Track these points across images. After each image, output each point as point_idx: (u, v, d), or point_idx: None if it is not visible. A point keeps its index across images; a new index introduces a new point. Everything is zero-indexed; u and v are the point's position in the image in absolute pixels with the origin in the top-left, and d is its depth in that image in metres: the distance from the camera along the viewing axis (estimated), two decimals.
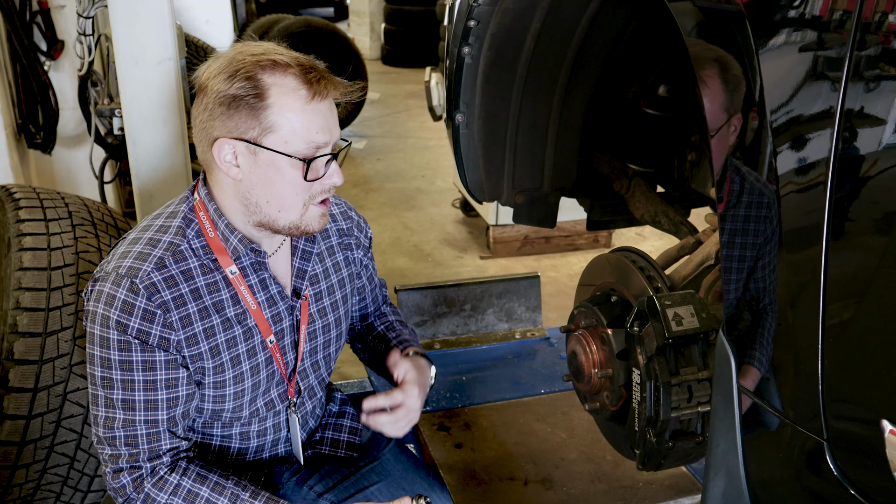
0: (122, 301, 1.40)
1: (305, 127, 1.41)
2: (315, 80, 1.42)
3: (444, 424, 2.36)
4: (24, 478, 1.95)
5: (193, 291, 1.47)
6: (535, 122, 2.33)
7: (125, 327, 1.40)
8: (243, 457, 1.71)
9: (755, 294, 1.15)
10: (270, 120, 1.40)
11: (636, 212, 2.36)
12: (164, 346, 1.44)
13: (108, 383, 1.44)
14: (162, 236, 1.49)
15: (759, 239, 1.12)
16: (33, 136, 3.56)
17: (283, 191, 1.45)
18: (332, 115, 1.47)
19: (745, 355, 1.17)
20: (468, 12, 2.07)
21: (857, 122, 0.95)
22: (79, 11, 2.92)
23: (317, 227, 1.52)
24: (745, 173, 1.14)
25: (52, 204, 2.14)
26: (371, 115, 8.09)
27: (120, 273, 1.42)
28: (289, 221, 1.48)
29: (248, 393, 1.58)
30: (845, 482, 1.02)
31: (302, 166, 1.43)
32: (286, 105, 1.40)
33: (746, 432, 1.18)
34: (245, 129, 1.40)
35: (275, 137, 1.41)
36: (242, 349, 1.55)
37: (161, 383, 1.45)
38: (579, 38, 2.14)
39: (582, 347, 1.80)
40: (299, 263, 1.64)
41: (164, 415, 1.47)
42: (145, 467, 1.47)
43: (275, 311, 1.59)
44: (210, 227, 1.51)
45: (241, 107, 1.39)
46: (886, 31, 0.92)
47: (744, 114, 1.13)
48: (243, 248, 1.51)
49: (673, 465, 1.72)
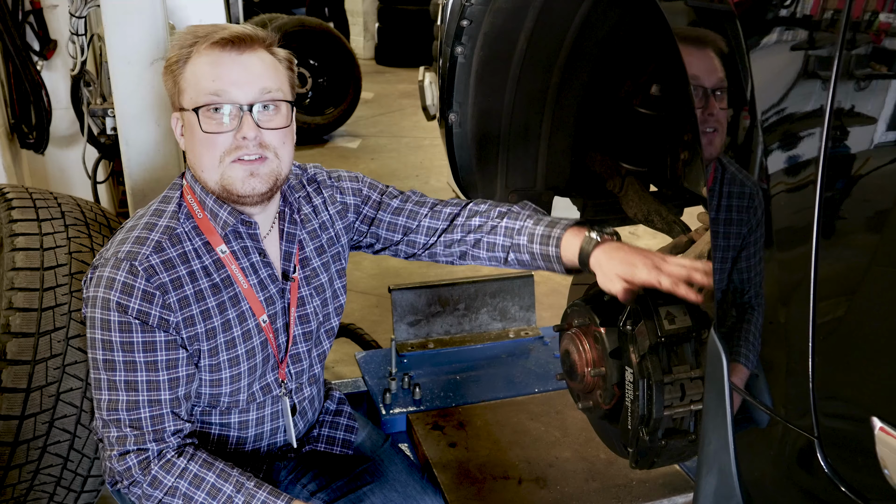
0: (121, 283, 1.43)
1: (206, 77, 1.45)
2: (235, 37, 1.45)
3: (438, 423, 2.36)
4: (16, 478, 1.95)
5: (190, 274, 1.50)
6: (529, 121, 2.33)
7: (126, 308, 1.43)
8: (242, 447, 1.71)
9: (746, 292, 1.16)
10: (183, 78, 1.46)
11: (629, 211, 2.37)
12: (163, 326, 1.46)
13: (110, 365, 1.46)
14: (158, 220, 1.52)
15: (750, 237, 1.13)
16: (26, 136, 3.56)
17: (197, 150, 1.49)
18: (249, 68, 1.47)
19: (736, 353, 1.17)
20: (461, 11, 2.07)
21: (847, 121, 0.95)
22: (71, 11, 2.91)
23: (240, 189, 1.49)
24: (736, 172, 1.14)
25: (45, 204, 2.13)
26: (364, 114, 8.08)
27: (119, 257, 1.45)
28: (213, 181, 1.50)
29: (244, 377, 1.59)
30: (836, 479, 1.03)
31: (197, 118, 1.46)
32: (197, 61, 1.45)
33: (738, 430, 1.19)
34: (173, 96, 1.49)
35: (185, 96, 1.47)
36: (237, 332, 1.56)
37: (162, 364, 1.48)
38: (572, 38, 2.15)
39: (575, 346, 1.80)
40: (286, 246, 1.66)
41: (166, 395, 1.49)
42: (152, 449, 1.48)
43: (267, 294, 1.61)
44: (198, 208, 1.54)
45: (168, 75, 1.49)
46: (876, 29, 0.92)
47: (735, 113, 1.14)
48: (234, 220, 1.53)
49: (666, 464, 1.72)
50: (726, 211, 1.17)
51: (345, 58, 7.09)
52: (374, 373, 2.63)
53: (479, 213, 1.75)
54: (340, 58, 7.06)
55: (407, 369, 2.63)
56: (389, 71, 10.68)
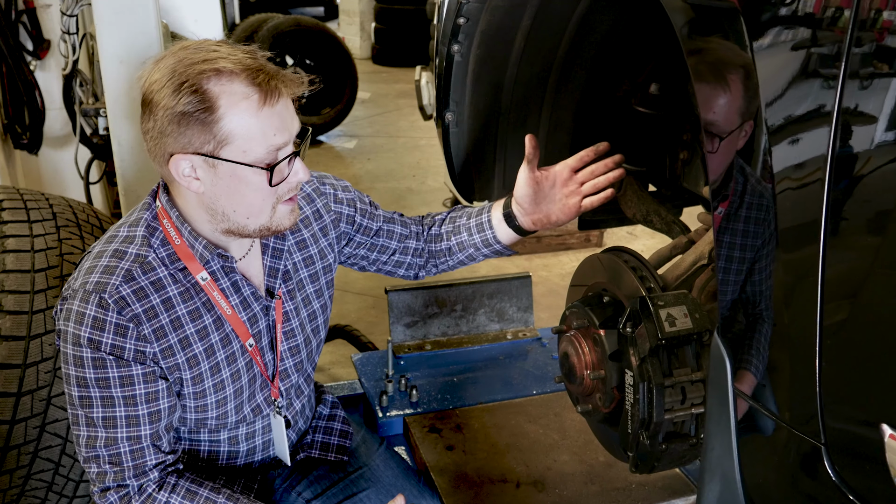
0: (91, 318, 1.36)
1: (262, 132, 1.35)
2: (265, 82, 1.35)
3: (436, 426, 2.34)
4: (7, 483, 1.92)
5: (165, 301, 1.43)
6: (526, 120, 2.31)
7: (98, 344, 1.37)
8: (234, 461, 1.68)
9: (751, 294, 1.13)
10: (224, 131, 1.33)
11: (628, 211, 2.35)
12: (140, 359, 1.40)
13: (86, 402, 1.40)
14: (128, 247, 1.44)
15: (756, 239, 1.11)
16: (19, 137, 3.53)
17: (249, 199, 1.40)
18: (288, 113, 1.40)
19: (741, 357, 1.15)
20: (457, 10, 2.05)
21: (854, 121, 0.93)
22: (62, 9, 2.89)
23: (288, 224, 1.47)
24: (741, 172, 1.12)
25: (36, 205, 2.11)
26: (361, 114, 8.07)
27: (87, 289, 1.38)
28: (258, 225, 1.44)
29: (231, 400, 1.55)
30: (844, 487, 1.00)
31: (266, 173, 1.38)
32: (238, 113, 1.33)
33: (742, 436, 1.17)
34: (200, 144, 1.34)
35: (232, 148, 1.35)
36: (221, 356, 1.51)
37: (141, 398, 1.42)
38: (570, 36, 2.12)
39: (574, 349, 1.78)
40: (271, 262, 1.59)
41: (146, 430, 1.44)
42: (132, 485, 1.44)
43: (250, 313, 1.55)
44: (175, 234, 1.46)
45: (191, 122, 1.33)
46: (881, 27, 0.90)
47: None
48: (209, 255, 1.46)
49: (666, 468, 1.70)
50: (730, 212, 1.15)
51: (341, 57, 7.07)
52: (370, 375, 2.61)
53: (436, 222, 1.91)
54: (337, 57, 7.04)
55: (404, 371, 2.61)
56: (386, 71, 10.67)
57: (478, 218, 1.81)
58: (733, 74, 1.12)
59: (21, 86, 3.39)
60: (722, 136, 1.16)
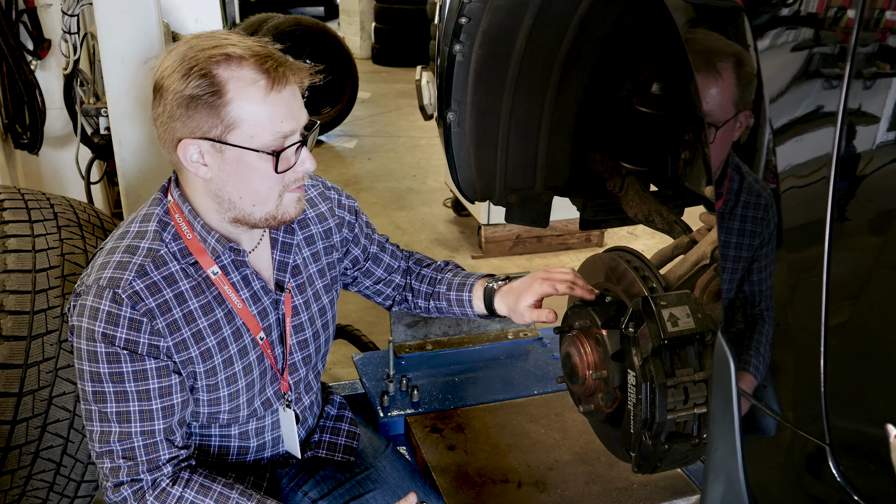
0: (106, 313, 1.37)
1: (269, 118, 1.37)
2: (273, 69, 1.37)
3: (437, 426, 2.33)
4: (9, 484, 1.92)
5: (178, 296, 1.44)
6: (528, 120, 2.31)
7: (112, 339, 1.37)
8: (244, 457, 1.68)
9: (755, 294, 1.13)
10: (232, 116, 1.35)
11: (629, 211, 2.35)
12: (154, 353, 1.41)
13: (100, 397, 1.41)
14: (140, 242, 1.45)
15: (759, 238, 1.10)
16: (20, 137, 3.53)
17: (255, 185, 1.41)
18: (295, 101, 1.42)
19: (745, 357, 1.15)
20: (459, 9, 2.05)
21: (859, 121, 0.93)
22: (63, 9, 2.88)
23: (294, 214, 1.49)
24: (744, 171, 1.12)
25: (37, 205, 2.10)
26: (361, 114, 8.07)
27: (101, 285, 1.39)
28: (265, 213, 1.45)
29: (243, 393, 1.56)
30: (848, 488, 1.00)
31: (272, 159, 1.39)
32: (246, 98, 1.35)
33: (746, 436, 1.16)
34: (208, 128, 1.36)
35: (239, 133, 1.37)
36: (233, 350, 1.52)
37: (154, 392, 1.42)
38: (571, 36, 2.12)
39: (576, 349, 1.78)
40: (280, 256, 1.61)
41: (160, 424, 1.44)
42: (146, 479, 1.44)
43: (260, 307, 1.56)
44: (187, 229, 1.47)
45: (199, 106, 1.35)
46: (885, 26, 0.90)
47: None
48: (221, 248, 1.48)
49: (669, 468, 1.70)
50: (733, 212, 1.15)
51: (341, 57, 7.07)
52: (371, 375, 2.61)
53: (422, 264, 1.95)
54: (337, 57, 7.04)
55: (405, 371, 2.60)
56: (386, 71, 10.67)
57: (458, 294, 1.85)
58: (725, 63, 1.12)
59: (21, 85, 3.39)
60: (717, 126, 1.16)
